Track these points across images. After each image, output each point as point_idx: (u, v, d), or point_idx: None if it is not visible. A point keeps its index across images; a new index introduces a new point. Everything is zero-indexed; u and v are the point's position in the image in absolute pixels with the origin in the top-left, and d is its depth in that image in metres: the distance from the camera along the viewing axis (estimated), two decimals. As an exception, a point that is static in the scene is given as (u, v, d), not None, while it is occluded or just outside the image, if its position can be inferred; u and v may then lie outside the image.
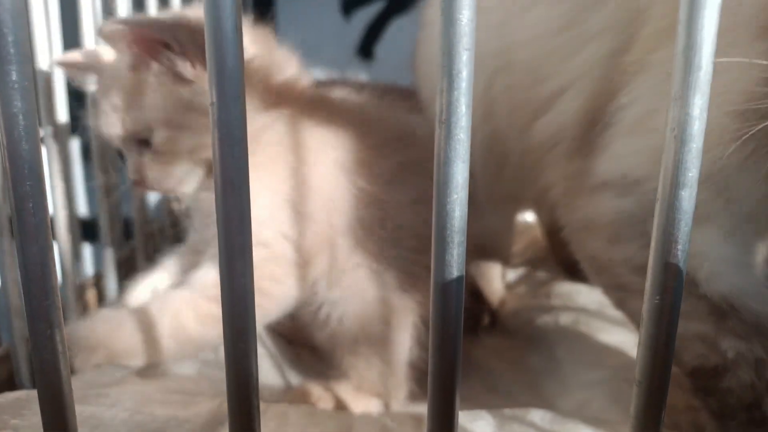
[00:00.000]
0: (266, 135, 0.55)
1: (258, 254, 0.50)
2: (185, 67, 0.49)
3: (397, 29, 1.40)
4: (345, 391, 0.61)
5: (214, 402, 0.47)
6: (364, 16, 1.40)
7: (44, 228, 0.27)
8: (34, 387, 0.54)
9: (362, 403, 0.61)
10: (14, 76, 0.26)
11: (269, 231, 0.54)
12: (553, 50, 0.49)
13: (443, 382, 0.28)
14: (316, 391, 0.60)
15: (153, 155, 0.54)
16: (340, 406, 0.59)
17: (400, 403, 0.60)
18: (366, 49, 1.42)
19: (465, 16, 0.24)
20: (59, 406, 0.28)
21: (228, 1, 0.24)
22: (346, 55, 1.42)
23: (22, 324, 0.57)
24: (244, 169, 0.26)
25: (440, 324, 0.27)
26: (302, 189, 0.53)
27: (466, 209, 0.26)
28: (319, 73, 1.42)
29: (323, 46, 1.41)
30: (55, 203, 0.65)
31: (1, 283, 0.57)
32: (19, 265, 0.27)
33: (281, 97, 0.57)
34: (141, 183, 0.55)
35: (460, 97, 0.25)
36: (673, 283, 0.26)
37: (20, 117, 0.26)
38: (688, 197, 0.25)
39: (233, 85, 0.25)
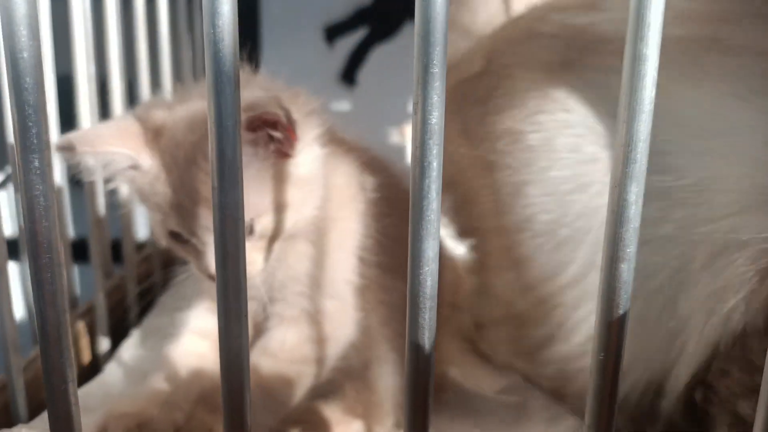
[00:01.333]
0: (335, 176, 0.54)
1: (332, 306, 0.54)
2: (290, 146, 0.48)
3: (379, 56, 1.44)
4: (331, 413, 0.64)
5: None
6: (347, 43, 1.44)
7: (62, 294, 0.30)
8: (30, 419, 0.57)
9: (346, 427, 0.64)
10: (36, 163, 0.29)
11: (341, 283, 0.55)
12: None
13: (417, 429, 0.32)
14: (303, 412, 0.63)
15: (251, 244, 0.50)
16: (326, 427, 0.62)
17: (386, 429, 0.64)
18: (349, 75, 1.46)
19: (435, 117, 0.28)
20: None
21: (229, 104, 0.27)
22: (329, 81, 1.45)
23: (19, 356, 0.60)
24: (241, 244, 0.29)
25: (413, 377, 0.31)
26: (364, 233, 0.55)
27: (437, 279, 0.30)
28: (303, 99, 1.46)
29: (307, 72, 1.45)
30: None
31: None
32: (37, 326, 0.30)
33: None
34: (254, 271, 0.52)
35: (431, 184, 0.29)
36: (616, 342, 0.30)
37: (41, 198, 0.29)
38: (627, 270, 0.29)
39: (233, 172, 0.29)
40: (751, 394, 0.45)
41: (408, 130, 1.06)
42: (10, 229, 0.75)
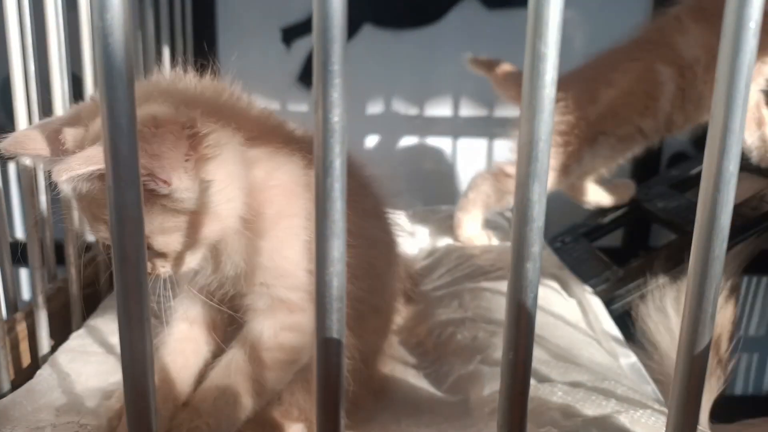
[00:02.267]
0: (275, 177, 0.55)
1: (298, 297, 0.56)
2: (159, 186, 0.47)
3: (337, 58, 1.44)
4: (271, 415, 0.63)
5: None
6: (305, 44, 1.43)
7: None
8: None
9: (287, 428, 0.63)
10: None
11: (301, 274, 0.56)
12: None
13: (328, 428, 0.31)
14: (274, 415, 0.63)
15: (154, 252, 0.53)
16: (267, 429, 0.62)
17: None
18: (306, 77, 1.45)
19: (337, 115, 0.27)
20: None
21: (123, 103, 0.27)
22: (287, 83, 1.44)
23: None
24: (141, 246, 0.29)
25: (323, 378, 0.31)
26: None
27: (344, 279, 0.29)
28: (261, 102, 1.44)
29: (264, 74, 1.43)
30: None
31: None
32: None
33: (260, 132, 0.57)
34: (154, 274, 0.55)
35: (334, 183, 0.28)
36: (525, 341, 0.30)
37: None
38: (532, 269, 0.29)
39: (129, 171, 0.28)
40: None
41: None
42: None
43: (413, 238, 1.15)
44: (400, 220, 1.20)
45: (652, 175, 1.34)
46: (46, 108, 0.77)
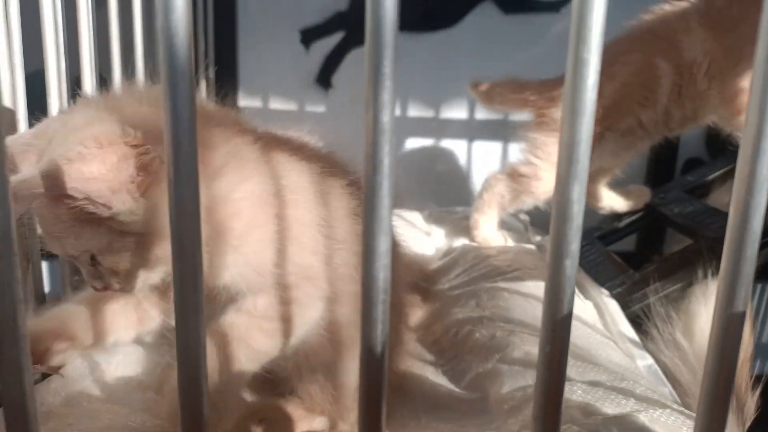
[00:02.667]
0: (238, 192, 0.54)
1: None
2: (100, 209, 0.47)
3: (354, 60, 1.45)
4: (295, 409, 0.65)
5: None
6: (323, 46, 1.45)
7: (16, 285, 0.31)
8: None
9: (309, 423, 0.65)
10: (-8, 154, 0.29)
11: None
12: None
13: (371, 425, 0.32)
14: (268, 409, 0.64)
15: (106, 270, 0.53)
16: (288, 424, 0.63)
17: (349, 425, 0.65)
18: (324, 78, 1.46)
19: (386, 115, 0.29)
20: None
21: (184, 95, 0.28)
22: (304, 84, 1.46)
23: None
24: (198, 239, 0.30)
25: (368, 370, 0.32)
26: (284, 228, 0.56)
27: (389, 273, 0.31)
28: (278, 102, 1.46)
29: (282, 75, 1.45)
30: None
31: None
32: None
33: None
34: (107, 290, 0.55)
35: (383, 181, 0.29)
36: (561, 335, 0.31)
37: (-4, 189, 0.29)
38: (570, 265, 0.30)
39: (189, 165, 0.29)
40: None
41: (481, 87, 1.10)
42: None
43: (429, 238, 1.17)
44: (416, 220, 1.22)
45: (668, 180, 1.35)
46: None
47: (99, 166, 0.45)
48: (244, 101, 1.46)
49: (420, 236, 1.16)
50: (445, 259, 1.08)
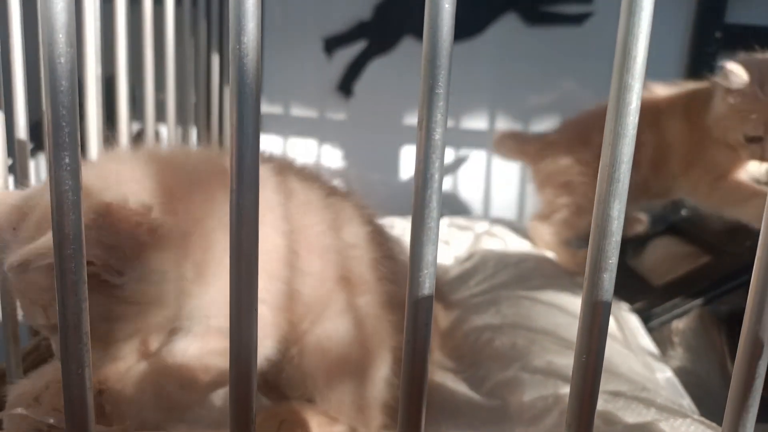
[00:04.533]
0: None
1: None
2: (113, 276, 0.47)
3: (375, 68, 1.47)
4: (313, 415, 0.66)
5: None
6: (346, 55, 1.47)
7: (82, 284, 0.33)
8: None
9: (329, 429, 0.66)
10: (67, 160, 0.31)
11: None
12: None
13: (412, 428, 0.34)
14: (286, 413, 0.65)
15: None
16: (308, 428, 0.64)
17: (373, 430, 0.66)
18: (345, 86, 1.49)
19: (438, 133, 0.30)
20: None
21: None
22: (326, 92, 1.48)
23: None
24: (256, 244, 0.32)
25: (410, 371, 0.33)
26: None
27: (434, 282, 0.32)
28: (300, 109, 1.49)
29: (304, 83, 1.48)
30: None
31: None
32: (59, 313, 0.33)
33: None
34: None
35: (432, 195, 0.31)
36: (597, 346, 0.33)
37: (70, 193, 0.31)
38: (608, 279, 0.32)
39: (251, 176, 0.31)
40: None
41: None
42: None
43: (448, 247, 1.18)
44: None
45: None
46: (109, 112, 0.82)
47: (114, 233, 0.45)
48: (266, 107, 1.48)
49: (439, 245, 1.18)
50: (463, 267, 1.09)
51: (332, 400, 0.65)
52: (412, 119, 1.49)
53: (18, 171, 0.68)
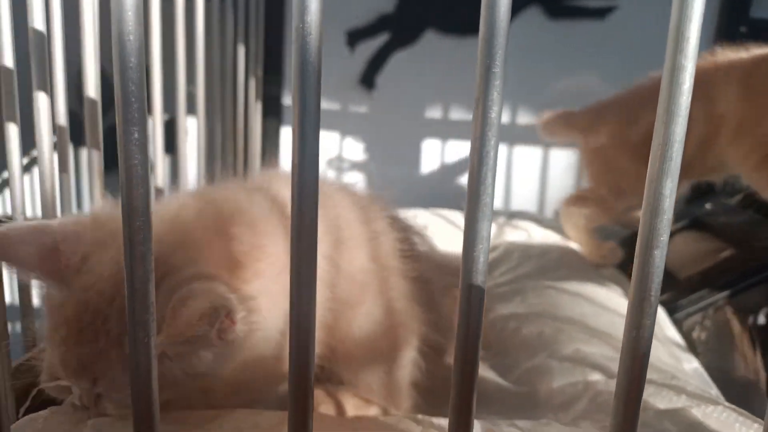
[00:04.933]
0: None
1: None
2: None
3: (397, 61, 1.48)
4: (348, 398, 0.67)
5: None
6: (368, 48, 1.48)
7: (148, 255, 0.34)
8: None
9: (362, 411, 0.67)
10: (136, 135, 0.32)
11: None
12: None
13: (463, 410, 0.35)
14: (319, 395, 0.67)
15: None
16: (341, 411, 0.66)
17: (402, 412, 0.67)
18: (368, 79, 1.50)
19: (494, 112, 0.31)
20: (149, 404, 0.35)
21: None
22: (348, 84, 1.49)
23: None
24: (315, 220, 0.33)
25: (462, 343, 0.34)
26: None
27: (488, 257, 0.33)
28: (322, 102, 1.50)
29: (327, 75, 1.49)
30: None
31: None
32: (126, 283, 0.34)
33: None
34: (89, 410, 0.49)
35: (488, 172, 0.32)
36: (648, 321, 0.34)
37: (139, 168, 0.33)
38: (660, 256, 0.33)
39: (312, 153, 0.32)
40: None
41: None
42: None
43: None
44: (458, 219, 1.25)
45: (713, 190, 1.35)
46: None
47: (197, 315, 0.43)
48: (289, 100, 1.50)
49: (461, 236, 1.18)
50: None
51: (362, 382, 0.66)
52: (433, 112, 1.50)
53: (60, 156, 0.70)
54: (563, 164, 1.47)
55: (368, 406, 0.68)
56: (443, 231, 1.11)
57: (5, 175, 1.40)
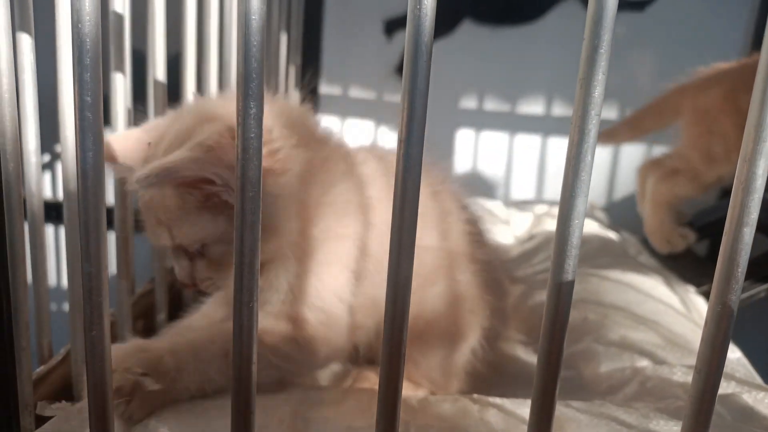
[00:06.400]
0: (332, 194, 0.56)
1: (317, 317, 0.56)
2: (231, 195, 0.49)
3: (434, 51, 1.49)
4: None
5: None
6: (405, 37, 1.49)
7: (257, 224, 0.36)
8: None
9: (414, 392, 0.69)
10: (254, 110, 0.34)
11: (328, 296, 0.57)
12: None
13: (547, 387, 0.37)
14: (371, 376, 0.69)
15: (207, 263, 0.55)
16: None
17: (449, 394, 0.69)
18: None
19: (598, 91, 0.33)
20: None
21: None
22: (384, 74, 1.51)
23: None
24: (416, 193, 0.35)
25: (551, 320, 0.36)
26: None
27: (582, 232, 0.35)
28: (358, 91, 1.51)
29: (364, 64, 1.50)
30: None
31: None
32: (236, 250, 0.36)
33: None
34: (191, 286, 0.56)
35: (588, 149, 0.34)
36: (733, 297, 0.35)
37: (255, 141, 0.35)
38: (749, 233, 0.34)
39: (419, 129, 0.34)
40: None
41: None
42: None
43: (508, 227, 1.20)
44: (495, 208, 1.26)
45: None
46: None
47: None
48: (325, 88, 1.51)
49: (499, 225, 1.20)
50: (524, 247, 1.11)
51: (422, 364, 0.68)
52: (468, 102, 1.51)
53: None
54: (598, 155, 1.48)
55: (417, 388, 0.70)
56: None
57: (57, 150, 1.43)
